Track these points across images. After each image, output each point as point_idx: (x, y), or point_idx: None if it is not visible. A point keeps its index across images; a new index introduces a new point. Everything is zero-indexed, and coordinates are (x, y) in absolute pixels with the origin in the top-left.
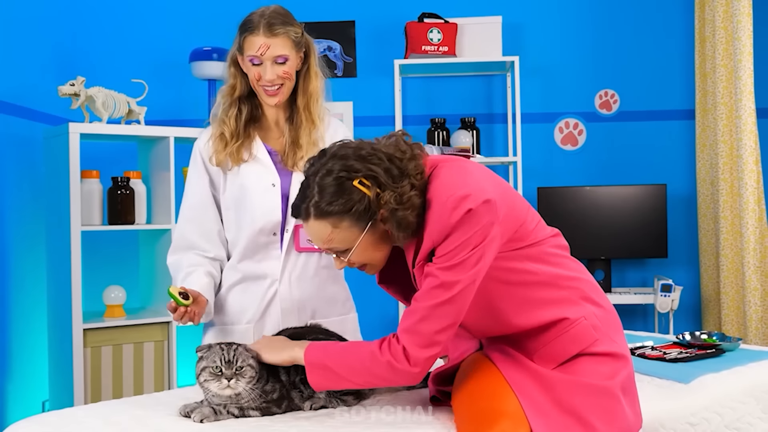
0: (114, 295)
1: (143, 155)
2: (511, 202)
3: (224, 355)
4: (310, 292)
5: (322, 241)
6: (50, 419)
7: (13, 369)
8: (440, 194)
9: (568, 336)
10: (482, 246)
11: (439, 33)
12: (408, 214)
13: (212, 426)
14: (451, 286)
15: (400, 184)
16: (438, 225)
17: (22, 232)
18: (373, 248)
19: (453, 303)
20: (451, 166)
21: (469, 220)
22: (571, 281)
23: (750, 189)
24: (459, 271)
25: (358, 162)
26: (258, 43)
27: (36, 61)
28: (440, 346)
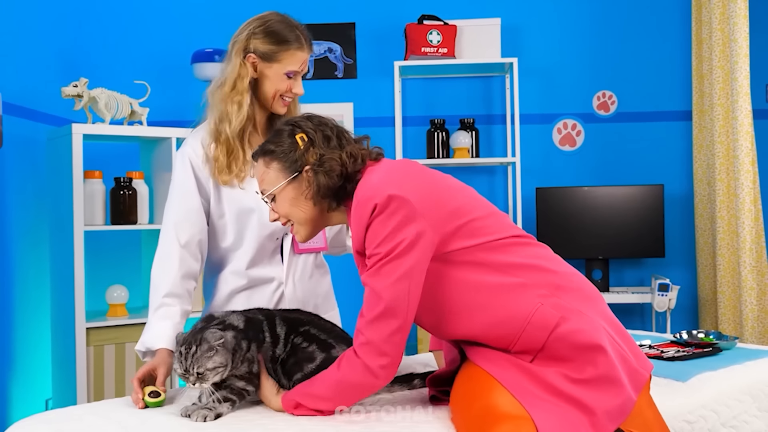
0: (116, 295)
1: (145, 156)
2: (442, 198)
3: (182, 362)
4: (310, 290)
5: (259, 181)
6: (53, 417)
7: (16, 367)
8: (357, 194)
9: (531, 325)
10: (402, 241)
11: (439, 35)
12: (327, 180)
13: (213, 426)
14: (381, 293)
15: (329, 150)
16: (354, 225)
17: (26, 232)
18: (295, 203)
19: (391, 311)
20: (378, 167)
21: (378, 216)
22: (521, 268)
23: (746, 189)
24: (385, 276)
25: (308, 122)
26: (301, 60)
27: (39, 62)
28: (395, 351)
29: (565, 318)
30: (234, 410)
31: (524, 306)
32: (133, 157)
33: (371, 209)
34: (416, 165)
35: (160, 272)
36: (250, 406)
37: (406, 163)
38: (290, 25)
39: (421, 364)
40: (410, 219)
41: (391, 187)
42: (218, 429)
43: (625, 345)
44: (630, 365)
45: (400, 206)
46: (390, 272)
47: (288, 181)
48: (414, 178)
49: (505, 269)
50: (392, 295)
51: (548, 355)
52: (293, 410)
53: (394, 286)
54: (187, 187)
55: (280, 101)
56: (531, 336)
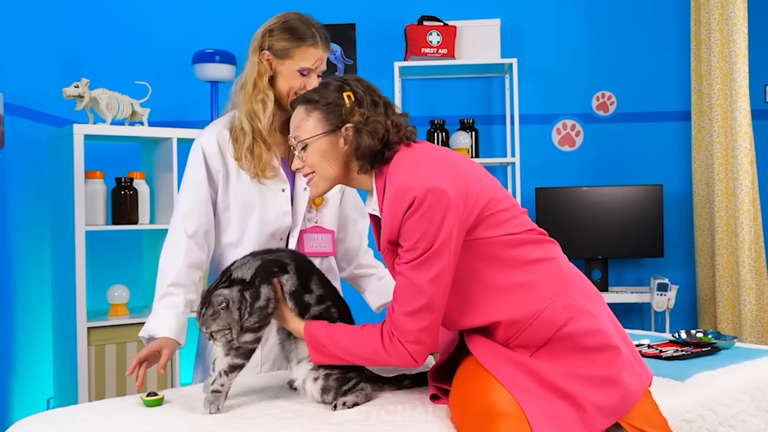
0: (118, 294)
1: (146, 156)
2: (473, 189)
3: (198, 320)
4: None
5: (294, 126)
6: (55, 416)
7: (18, 367)
8: (392, 180)
9: (539, 321)
10: (442, 236)
11: (439, 35)
12: (369, 141)
13: (214, 424)
14: (423, 288)
15: (375, 112)
16: (388, 214)
17: (27, 232)
18: (326, 156)
19: (430, 306)
20: (414, 152)
21: (416, 211)
22: (536, 264)
23: (745, 189)
24: (427, 270)
25: (358, 83)
26: (316, 56)
27: (41, 63)
28: (430, 340)
29: (573, 318)
30: (238, 376)
31: (534, 302)
32: (134, 158)
33: (409, 202)
34: (449, 152)
35: (166, 262)
36: (251, 404)
37: (441, 150)
38: (306, 23)
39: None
40: (448, 213)
41: (430, 179)
42: (219, 428)
43: (628, 348)
44: (634, 369)
45: (439, 200)
46: (431, 267)
47: (325, 134)
48: (450, 167)
49: (520, 265)
50: (433, 290)
51: (550, 351)
52: (310, 344)
53: (435, 281)
54: (198, 177)
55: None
56: (536, 331)
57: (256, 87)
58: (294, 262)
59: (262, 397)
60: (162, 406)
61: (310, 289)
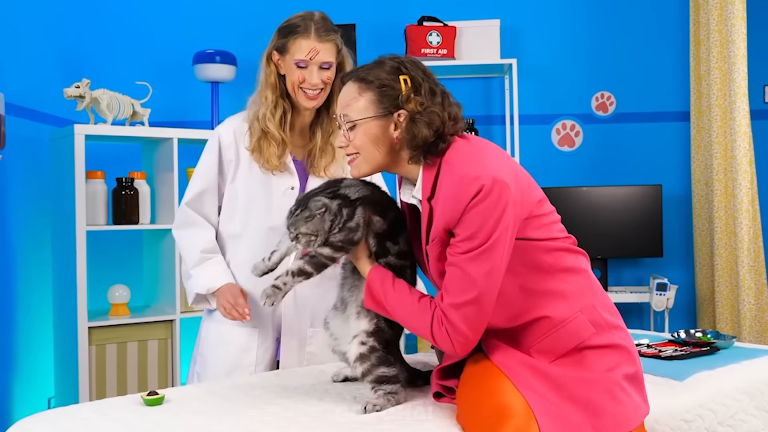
0: (118, 294)
1: (147, 156)
2: (526, 186)
3: (288, 218)
4: (313, 299)
5: (344, 104)
6: (55, 416)
7: (19, 366)
8: (455, 169)
9: (565, 330)
10: (500, 230)
11: (438, 36)
12: (425, 132)
13: (213, 425)
14: (477, 281)
15: (432, 102)
16: (450, 202)
17: (29, 231)
18: (374, 140)
19: (480, 299)
20: (473, 144)
21: (483, 201)
22: (571, 273)
23: (744, 189)
24: (483, 263)
25: (416, 68)
26: (308, 47)
27: (42, 64)
28: (476, 335)
29: (598, 334)
30: (301, 282)
31: (564, 311)
32: (135, 158)
33: (476, 190)
34: (501, 148)
35: (187, 239)
36: (249, 400)
37: (495, 145)
38: (305, 17)
39: (421, 363)
40: (508, 207)
41: (495, 170)
42: (219, 426)
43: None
44: (643, 390)
45: (503, 191)
46: (486, 260)
47: (376, 117)
48: (509, 162)
49: (555, 272)
50: (486, 284)
51: (570, 361)
52: (368, 288)
53: (489, 275)
54: (209, 165)
55: (302, 94)
56: (560, 339)
57: (265, 90)
58: (394, 213)
59: (262, 396)
60: (162, 405)
61: (396, 241)
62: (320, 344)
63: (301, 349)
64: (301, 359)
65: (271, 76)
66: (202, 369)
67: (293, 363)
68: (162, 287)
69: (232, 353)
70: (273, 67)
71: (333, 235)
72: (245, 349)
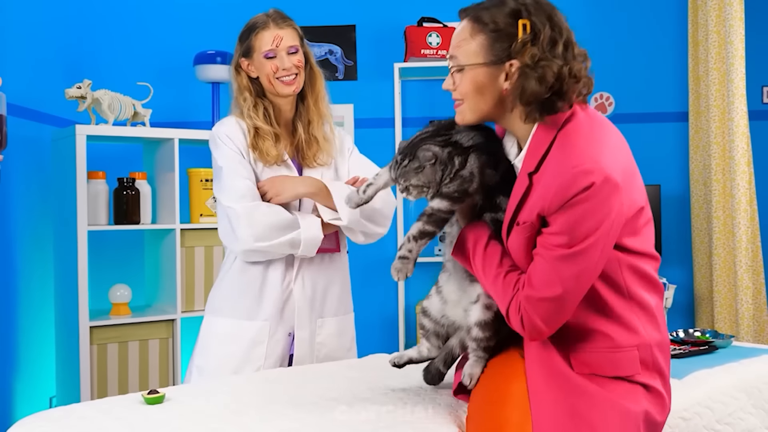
0: (120, 294)
1: (148, 156)
2: (633, 188)
3: (395, 170)
4: (321, 291)
5: (454, 44)
6: (57, 415)
7: (21, 365)
8: (570, 150)
9: (613, 356)
10: (600, 234)
11: (438, 37)
12: (534, 87)
13: (215, 423)
14: (565, 281)
15: (550, 56)
16: (553, 187)
17: (31, 231)
18: (481, 89)
19: (564, 299)
20: (589, 121)
21: (589, 199)
22: (643, 309)
23: (742, 189)
24: (576, 264)
25: (540, 13)
26: (271, 37)
27: (44, 65)
28: (550, 331)
29: (642, 375)
30: (426, 244)
31: (619, 338)
32: (136, 158)
33: (585, 185)
34: (621, 136)
35: (267, 207)
36: (249, 398)
37: (618, 132)
38: (258, 16)
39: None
40: (614, 211)
41: (611, 167)
42: (220, 424)
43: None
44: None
45: (613, 194)
46: (580, 262)
47: (486, 64)
48: (626, 157)
49: (629, 298)
50: (573, 286)
51: (604, 381)
52: (460, 242)
53: (578, 277)
54: (237, 156)
55: (279, 83)
56: (603, 361)
57: (242, 93)
58: (505, 165)
59: (263, 394)
60: (163, 403)
61: (506, 196)
62: (328, 334)
63: (312, 340)
64: (312, 350)
65: (243, 80)
66: (204, 362)
67: (306, 354)
68: (163, 287)
69: (243, 346)
70: (243, 74)
71: (445, 185)
72: (256, 342)
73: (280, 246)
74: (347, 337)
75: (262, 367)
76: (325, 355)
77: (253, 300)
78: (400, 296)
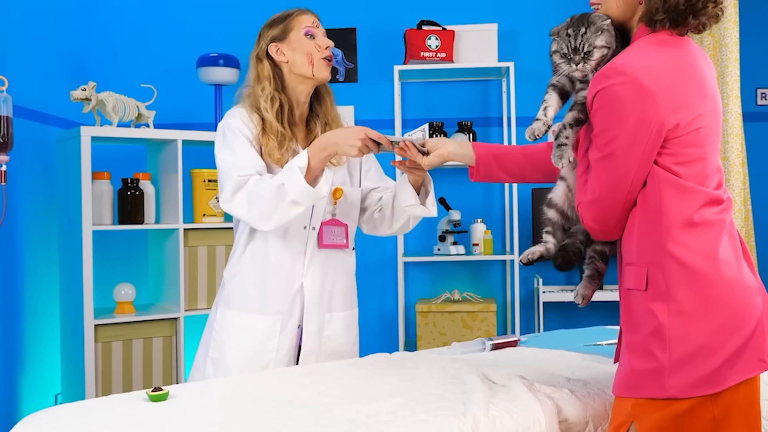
0: (124, 292)
1: (152, 157)
2: (685, 95)
3: (570, 42)
4: (329, 286)
5: None
6: (62, 412)
7: (27, 363)
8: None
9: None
10: (623, 140)
11: (437, 40)
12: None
13: (217, 420)
14: (599, 186)
15: None
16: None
17: (36, 231)
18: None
19: (601, 202)
20: (660, 41)
21: (607, 103)
22: (697, 228)
23: (736, 190)
24: (605, 169)
25: None
26: (310, 19)
27: (49, 67)
28: (612, 224)
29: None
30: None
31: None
32: (140, 159)
33: (602, 86)
34: (691, 59)
35: (254, 185)
36: (251, 396)
37: (682, 54)
38: (289, 9)
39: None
40: (636, 114)
41: (642, 68)
42: (222, 421)
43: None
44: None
45: (634, 97)
46: (609, 169)
47: None
48: (680, 76)
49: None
50: (609, 194)
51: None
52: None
53: (613, 186)
54: (242, 145)
55: (320, 63)
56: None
57: (261, 83)
58: None
59: (264, 392)
60: (167, 401)
61: None
62: (335, 329)
63: (320, 334)
64: (320, 343)
65: (265, 69)
66: (219, 355)
67: (314, 347)
68: (166, 286)
69: (256, 339)
70: (266, 63)
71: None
72: (268, 336)
73: (285, 216)
74: (352, 333)
75: (274, 359)
76: (331, 350)
77: (265, 293)
78: (400, 295)
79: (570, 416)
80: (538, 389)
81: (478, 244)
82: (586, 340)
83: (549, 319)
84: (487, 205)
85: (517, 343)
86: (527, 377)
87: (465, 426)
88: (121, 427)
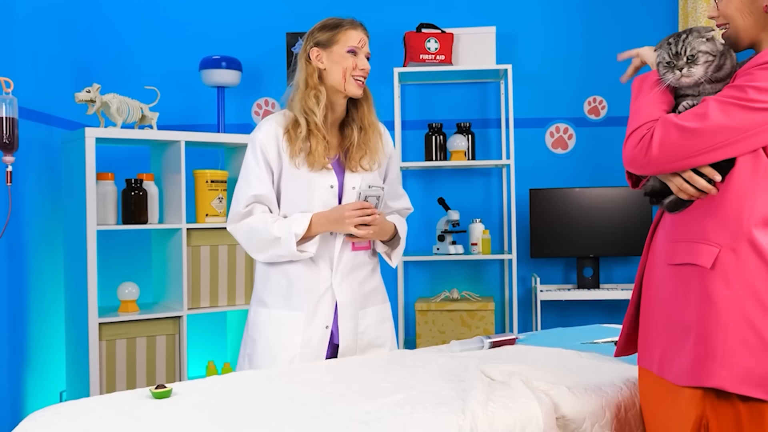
0: (128, 291)
1: (155, 158)
2: None
3: (672, 47)
4: (358, 285)
5: None
6: (67, 408)
7: (32, 361)
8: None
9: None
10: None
11: (436, 42)
12: None
13: (219, 418)
14: (711, 125)
15: None
16: (748, 64)
17: (41, 231)
18: (741, 9)
19: (696, 136)
20: None
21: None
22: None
23: None
24: (729, 114)
25: None
26: (359, 37)
27: (54, 69)
28: (665, 160)
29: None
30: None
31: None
32: (144, 160)
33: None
34: None
35: (258, 223)
36: (252, 395)
37: None
38: (341, 17)
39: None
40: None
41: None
42: (224, 419)
43: None
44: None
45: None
46: (734, 116)
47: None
48: None
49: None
50: (714, 136)
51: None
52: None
53: (723, 130)
54: (259, 169)
55: (352, 81)
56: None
57: (308, 85)
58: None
59: (265, 391)
60: (170, 398)
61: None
62: (368, 323)
63: (355, 331)
64: (356, 339)
65: (314, 74)
66: (253, 351)
67: (350, 344)
68: (170, 285)
69: (280, 334)
70: (313, 65)
71: (713, 75)
72: (291, 331)
73: (274, 258)
74: (387, 325)
75: (299, 355)
76: (367, 343)
77: (291, 291)
78: (400, 294)
79: (567, 413)
80: (535, 386)
81: (476, 243)
82: (583, 338)
83: (546, 318)
84: (485, 205)
85: (515, 341)
86: (525, 375)
87: (464, 422)
88: (125, 423)
